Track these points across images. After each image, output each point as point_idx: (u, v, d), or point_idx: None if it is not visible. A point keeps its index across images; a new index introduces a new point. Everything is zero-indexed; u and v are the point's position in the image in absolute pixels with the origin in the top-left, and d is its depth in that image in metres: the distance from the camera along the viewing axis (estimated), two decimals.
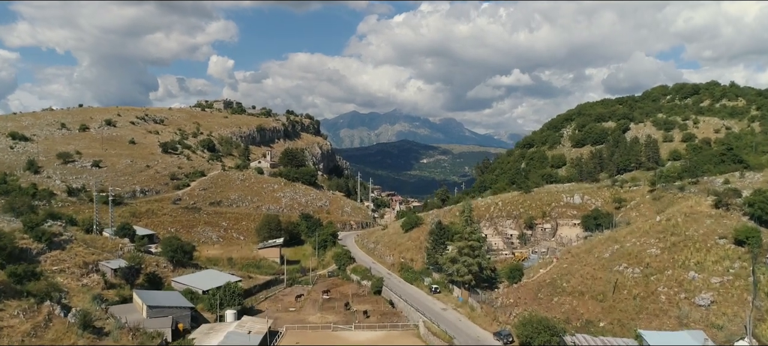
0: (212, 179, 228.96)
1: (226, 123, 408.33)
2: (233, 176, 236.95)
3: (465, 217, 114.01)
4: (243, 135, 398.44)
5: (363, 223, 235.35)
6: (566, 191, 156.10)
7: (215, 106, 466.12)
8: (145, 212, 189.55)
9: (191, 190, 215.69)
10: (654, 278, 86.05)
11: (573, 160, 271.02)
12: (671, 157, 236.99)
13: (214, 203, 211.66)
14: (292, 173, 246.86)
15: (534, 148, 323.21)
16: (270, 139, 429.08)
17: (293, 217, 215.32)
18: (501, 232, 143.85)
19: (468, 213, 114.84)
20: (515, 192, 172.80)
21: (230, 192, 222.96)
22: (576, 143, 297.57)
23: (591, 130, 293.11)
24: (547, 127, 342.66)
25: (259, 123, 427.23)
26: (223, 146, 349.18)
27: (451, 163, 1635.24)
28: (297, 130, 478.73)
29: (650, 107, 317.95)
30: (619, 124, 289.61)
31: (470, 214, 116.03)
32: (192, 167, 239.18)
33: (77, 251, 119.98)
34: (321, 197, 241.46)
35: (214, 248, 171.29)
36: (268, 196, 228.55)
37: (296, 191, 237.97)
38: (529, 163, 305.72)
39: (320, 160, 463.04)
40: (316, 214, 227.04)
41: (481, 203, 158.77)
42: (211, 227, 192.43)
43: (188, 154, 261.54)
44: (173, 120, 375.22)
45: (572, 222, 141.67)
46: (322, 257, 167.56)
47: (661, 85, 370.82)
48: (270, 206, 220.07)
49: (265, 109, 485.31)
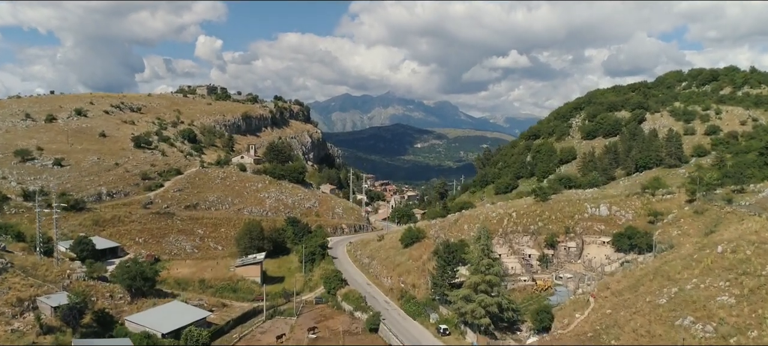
0: (189, 178, 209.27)
1: (209, 110, 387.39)
2: (212, 173, 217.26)
3: (481, 246, 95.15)
4: (227, 123, 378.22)
5: (356, 226, 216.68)
6: (590, 200, 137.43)
7: (198, 91, 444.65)
8: (111, 219, 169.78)
9: (165, 191, 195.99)
10: (734, 340, 67.63)
11: (585, 156, 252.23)
12: (695, 152, 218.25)
13: (190, 206, 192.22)
14: (277, 170, 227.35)
15: (540, 140, 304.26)
16: (256, 128, 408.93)
17: (278, 221, 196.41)
18: (517, 251, 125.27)
19: (485, 241, 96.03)
20: (529, 199, 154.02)
21: (209, 193, 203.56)
22: (587, 135, 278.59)
23: (603, 121, 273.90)
24: (555, 117, 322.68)
25: (245, 110, 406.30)
26: (205, 136, 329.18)
27: (446, 147, 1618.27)
28: (285, 118, 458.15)
29: (665, 95, 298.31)
30: (634, 114, 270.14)
31: (488, 242, 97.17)
32: (167, 164, 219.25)
33: (12, 282, 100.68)
34: (309, 197, 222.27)
35: (187, 264, 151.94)
36: (250, 197, 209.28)
37: (282, 190, 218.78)
38: (536, 156, 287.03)
39: (310, 150, 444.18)
40: (305, 217, 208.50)
41: (492, 214, 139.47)
42: (185, 235, 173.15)
43: (164, 149, 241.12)
44: (152, 108, 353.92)
45: (600, 239, 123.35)
46: (310, 274, 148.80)
47: (675, 71, 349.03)
48: (253, 209, 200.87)
49: (251, 96, 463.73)
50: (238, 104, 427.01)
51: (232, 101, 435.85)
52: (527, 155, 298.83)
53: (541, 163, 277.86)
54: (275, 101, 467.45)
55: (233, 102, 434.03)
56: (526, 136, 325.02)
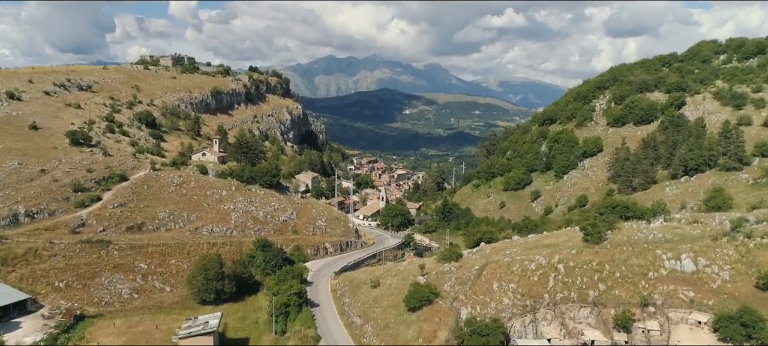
0: (135, 187, 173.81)
1: (173, 86, 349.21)
2: (166, 178, 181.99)
3: None
4: (194, 101, 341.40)
5: (342, 243, 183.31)
6: (664, 245, 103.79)
7: (162, 63, 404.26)
8: (24, 254, 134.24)
9: (102, 207, 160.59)
10: None
11: (618, 151, 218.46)
12: (758, 151, 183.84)
13: (133, 227, 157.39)
14: (246, 173, 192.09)
15: (558, 126, 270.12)
16: (228, 105, 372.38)
17: (246, 243, 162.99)
18: (574, 332, 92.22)
19: None
20: (573, 232, 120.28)
21: (159, 206, 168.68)
22: (614, 121, 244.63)
23: (634, 105, 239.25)
24: (574, 98, 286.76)
25: (215, 85, 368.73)
26: (167, 119, 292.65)
27: (435, 114, 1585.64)
28: (262, 92, 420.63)
29: (703, 72, 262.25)
30: (671, 97, 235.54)
31: None
32: (108, 168, 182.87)
33: None
34: (285, 207, 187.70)
35: (117, 327, 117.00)
36: (212, 209, 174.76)
37: (252, 198, 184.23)
38: (554, 146, 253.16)
39: (290, 128, 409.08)
40: (279, 234, 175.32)
41: (530, 266, 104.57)
42: (123, 273, 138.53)
43: (108, 145, 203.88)
44: (106, 85, 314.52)
45: (692, 317, 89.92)
46: (284, 339, 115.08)
47: (710, 41, 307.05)
48: (214, 228, 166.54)
49: (222, 67, 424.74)
50: (208, 77, 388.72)
51: (201, 74, 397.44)
52: (542, 144, 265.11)
53: (560, 156, 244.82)
54: (250, 73, 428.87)
55: (202, 75, 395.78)
56: (539, 119, 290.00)
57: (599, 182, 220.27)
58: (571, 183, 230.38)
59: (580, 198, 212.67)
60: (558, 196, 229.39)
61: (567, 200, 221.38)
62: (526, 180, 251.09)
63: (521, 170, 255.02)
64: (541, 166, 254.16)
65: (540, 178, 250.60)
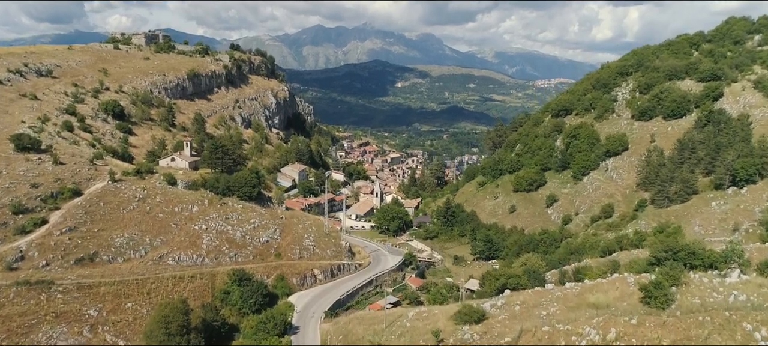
0: (89, 205, 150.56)
1: (146, 68, 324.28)
2: (126, 192, 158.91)
3: None
4: (169, 86, 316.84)
5: (333, 268, 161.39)
6: (751, 316, 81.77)
7: (135, 41, 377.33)
8: None
9: (47, 233, 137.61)
10: None
11: (650, 153, 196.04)
12: None
13: (84, 259, 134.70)
14: (222, 183, 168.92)
15: (576, 118, 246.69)
16: (207, 89, 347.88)
17: (220, 274, 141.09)
18: None
19: None
20: (624, 281, 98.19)
21: (116, 229, 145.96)
22: (640, 114, 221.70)
23: (663, 96, 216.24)
24: (593, 85, 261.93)
25: (193, 66, 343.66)
26: (137, 108, 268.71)
27: (429, 87, 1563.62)
28: (244, 73, 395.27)
29: (738, 56, 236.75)
30: (707, 87, 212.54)
31: None
32: (59, 180, 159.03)
33: None
34: (267, 224, 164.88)
35: None
36: (180, 231, 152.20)
37: (228, 215, 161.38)
38: (571, 143, 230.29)
39: (275, 113, 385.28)
40: (260, 258, 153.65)
41: (581, 343, 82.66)
42: (67, 323, 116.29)
43: (61, 149, 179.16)
44: (70, 69, 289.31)
45: None
46: None
47: (741, 18, 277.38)
48: (182, 255, 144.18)
49: (201, 46, 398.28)
50: (185, 58, 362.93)
51: (177, 54, 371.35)
52: (557, 139, 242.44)
53: (578, 155, 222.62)
54: (231, 53, 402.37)
55: (178, 55, 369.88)
56: (553, 109, 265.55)
57: (626, 188, 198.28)
58: (593, 187, 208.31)
59: (605, 207, 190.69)
60: (578, 202, 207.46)
61: (589, 208, 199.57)
62: (539, 181, 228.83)
63: (534, 169, 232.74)
64: (555, 165, 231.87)
65: (555, 178, 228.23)
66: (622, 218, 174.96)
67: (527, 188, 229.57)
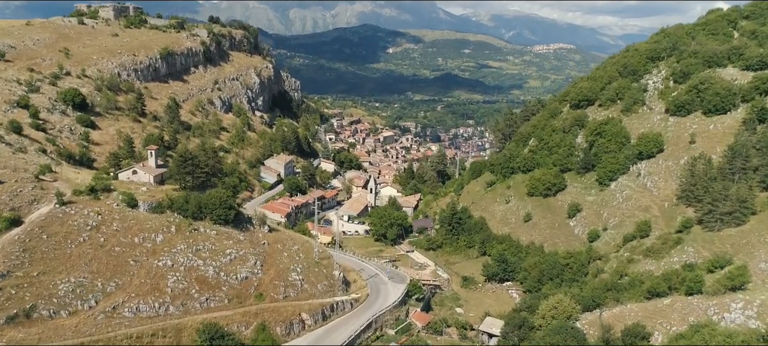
0: (30, 237, 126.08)
1: (114, 47, 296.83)
2: (77, 219, 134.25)
3: None
4: (139, 67, 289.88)
5: (325, 308, 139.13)
6: None
7: (102, 14, 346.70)
8: None
9: None
10: None
11: (692, 160, 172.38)
12: None
13: (16, 316, 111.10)
14: (192, 204, 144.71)
15: (600, 109, 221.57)
16: (183, 69, 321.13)
17: (187, 329, 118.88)
18: None
19: None
20: None
21: (61, 272, 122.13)
22: (675, 109, 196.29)
23: (703, 87, 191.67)
24: (619, 72, 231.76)
25: (167, 43, 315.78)
26: (102, 95, 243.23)
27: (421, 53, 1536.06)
28: (224, 50, 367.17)
29: None
30: (757, 79, 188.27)
31: None
32: None
33: None
34: (246, 255, 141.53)
35: None
36: (140, 270, 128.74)
37: (198, 246, 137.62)
38: (596, 142, 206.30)
39: (259, 93, 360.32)
40: (238, 301, 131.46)
41: None
42: None
43: (2, 162, 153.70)
44: (26, 49, 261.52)
45: None
46: None
47: None
48: (141, 303, 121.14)
49: (176, 19, 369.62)
50: (158, 33, 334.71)
51: (150, 29, 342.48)
52: (578, 135, 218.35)
53: (605, 156, 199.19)
54: (209, 26, 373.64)
55: (151, 29, 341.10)
56: (572, 99, 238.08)
57: (664, 200, 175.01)
58: (623, 196, 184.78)
59: (641, 225, 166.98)
60: (605, 214, 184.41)
61: (619, 223, 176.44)
62: (558, 185, 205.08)
63: (551, 171, 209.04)
64: (576, 167, 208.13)
65: (577, 182, 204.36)
66: (664, 242, 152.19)
67: (544, 192, 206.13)
